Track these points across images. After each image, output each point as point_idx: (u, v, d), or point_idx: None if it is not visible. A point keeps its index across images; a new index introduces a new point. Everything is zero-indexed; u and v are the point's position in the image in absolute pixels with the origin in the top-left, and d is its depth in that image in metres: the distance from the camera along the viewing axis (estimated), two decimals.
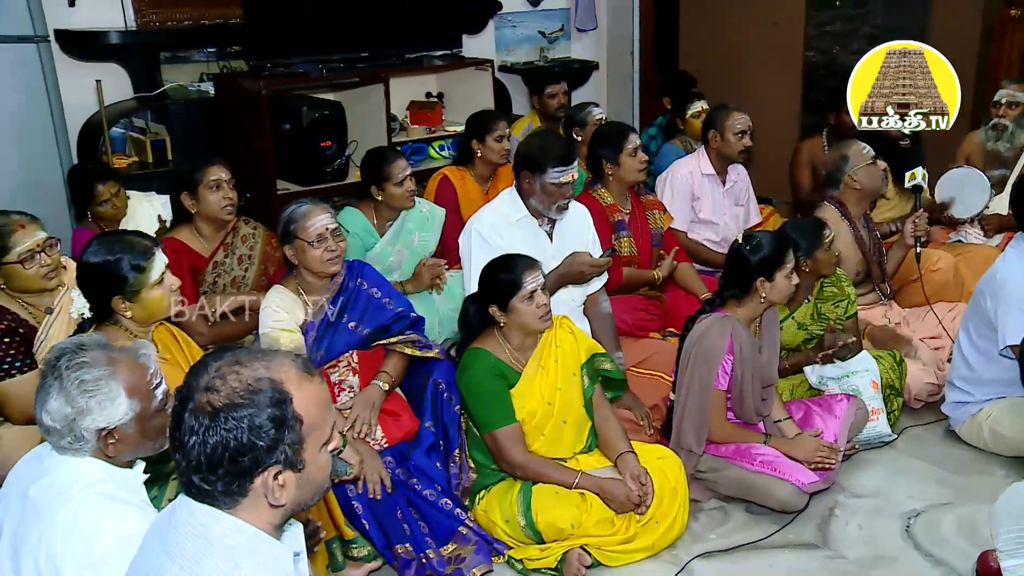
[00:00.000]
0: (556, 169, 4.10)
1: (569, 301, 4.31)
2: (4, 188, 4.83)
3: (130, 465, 2.41)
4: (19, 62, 5.07)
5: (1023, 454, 4.13)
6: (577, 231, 4.37)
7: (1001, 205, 5.37)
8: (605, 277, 4.44)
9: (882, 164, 4.89)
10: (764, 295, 3.85)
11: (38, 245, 3.57)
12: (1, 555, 2.29)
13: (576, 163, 4.20)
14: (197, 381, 1.78)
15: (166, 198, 4.84)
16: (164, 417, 2.40)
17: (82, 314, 3.20)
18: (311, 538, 2.43)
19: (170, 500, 2.30)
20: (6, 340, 3.49)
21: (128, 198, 4.91)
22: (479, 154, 5.28)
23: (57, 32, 5.55)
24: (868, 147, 4.87)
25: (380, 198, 4.67)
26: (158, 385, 2.44)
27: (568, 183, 4.16)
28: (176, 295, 3.24)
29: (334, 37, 6.03)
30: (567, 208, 4.25)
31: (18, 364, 3.46)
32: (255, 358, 1.82)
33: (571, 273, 4.21)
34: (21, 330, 3.54)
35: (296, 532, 1.95)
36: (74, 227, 4.96)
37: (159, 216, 4.81)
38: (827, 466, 3.89)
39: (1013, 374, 4.07)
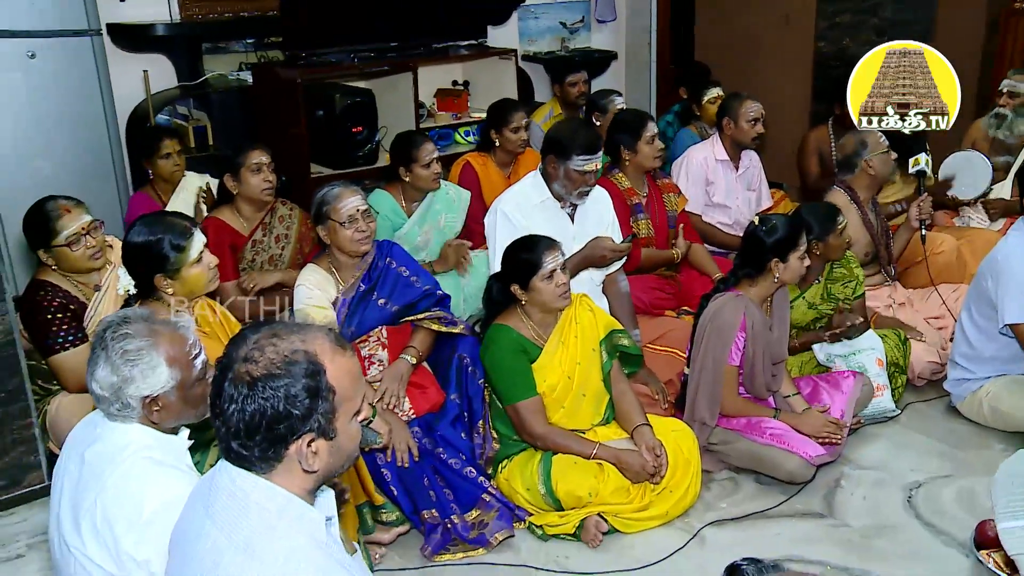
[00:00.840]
0: (581, 157, 4.09)
1: (588, 280, 4.29)
2: (60, 171, 4.99)
3: (175, 431, 2.43)
4: (75, 54, 5.21)
5: (1021, 429, 4.11)
6: (598, 214, 4.35)
7: (1005, 190, 5.34)
8: (624, 258, 4.43)
9: (894, 154, 4.86)
10: (778, 275, 3.84)
11: (83, 228, 3.65)
12: (63, 511, 2.33)
13: (599, 154, 4.18)
14: (237, 352, 1.80)
15: (215, 180, 4.88)
16: (204, 386, 2.43)
17: (128, 291, 3.23)
18: (337, 499, 2.45)
19: (211, 466, 2.32)
20: (59, 316, 3.59)
21: (184, 166, 4.98)
22: (498, 143, 5.28)
23: (109, 26, 5.62)
24: (884, 136, 4.84)
25: (408, 179, 4.67)
26: (197, 355, 2.45)
27: (591, 172, 4.14)
28: (214, 272, 3.27)
29: (365, 28, 6.03)
30: (588, 194, 4.24)
31: (71, 338, 3.52)
32: (292, 331, 1.83)
33: (593, 256, 4.19)
34: (72, 307, 3.62)
35: (328, 498, 1.95)
36: (132, 194, 5.02)
37: (200, 187, 4.84)
38: (833, 440, 3.88)
39: (1012, 352, 4.08)
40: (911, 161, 5.10)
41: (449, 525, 3.50)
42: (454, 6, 6.40)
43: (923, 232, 4.87)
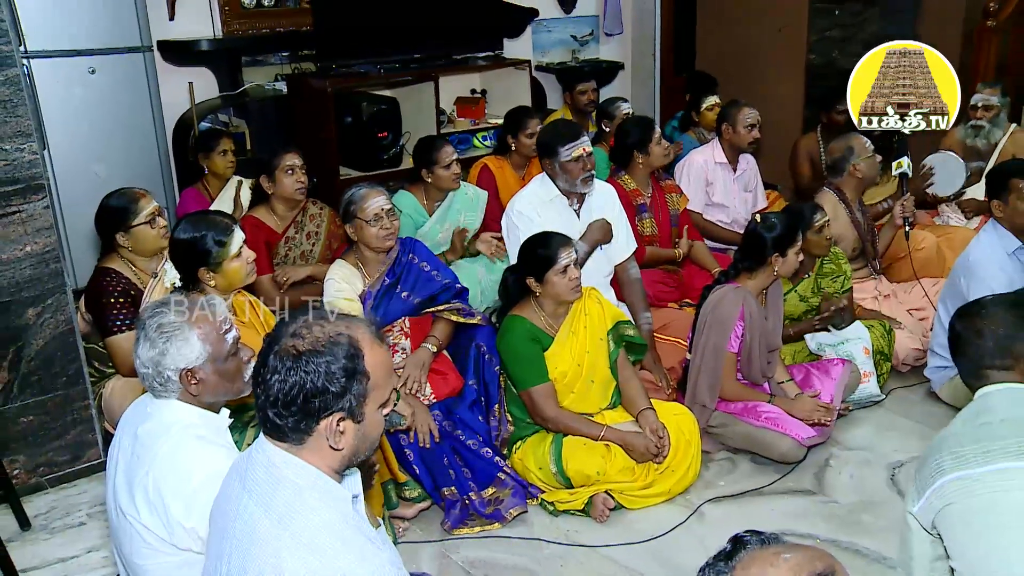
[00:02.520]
0: (566, 147, 4.09)
1: (596, 272, 4.26)
2: (114, 174, 5.05)
3: (216, 410, 2.44)
4: (130, 69, 5.32)
5: None
6: (601, 209, 4.32)
7: (979, 192, 5.31)
8: (634, 246, 4.43)
9: (879, 157, 4.82)
10: (776, 269, 3.84)
11: (156, 210, 3.76)
12: (119, 483, 2.36)
13: (585, 137, 4.17)
14: (285, 329, 1.83)
15: (248, 181, 4.91)
16: (237, 361, 2.45)
17: (174, 284, 3.25)
18: (369, 471, 2.46)
19: (248, 445, 2.32)
20: (120, 300, 3.64)
21: (235, 164, 5.05)
22: (513, 147, 5.26)
23: (159, 43, 5.69)
24: (869, 141, 4.80)
25: (430, 180, 4.67)
26: (228, 331, 2.46)
27: (582, 156, 4.12)
28: (252, 266, 3.29)
29: (390, 41, 6.05)
30: (592, 180, 4.21)
31: (128, 321, 3.57)
32: (338, 318, 1.87)
33: (594, 237, 4.21)
34: (132, 292, 3.68)
35: (355, 478, 1.96)
36: (183, 190, 5.13)
37: (238, 189, 4.88)
38: (823, 423, 3.87)
39: None
40: (894, 164, 5.09)
41: (467, 501, 3.50)
42: (472, 21, 6.41)
43: (906, 230, 4.86)
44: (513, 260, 4.01)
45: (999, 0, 6.36)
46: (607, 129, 5.68)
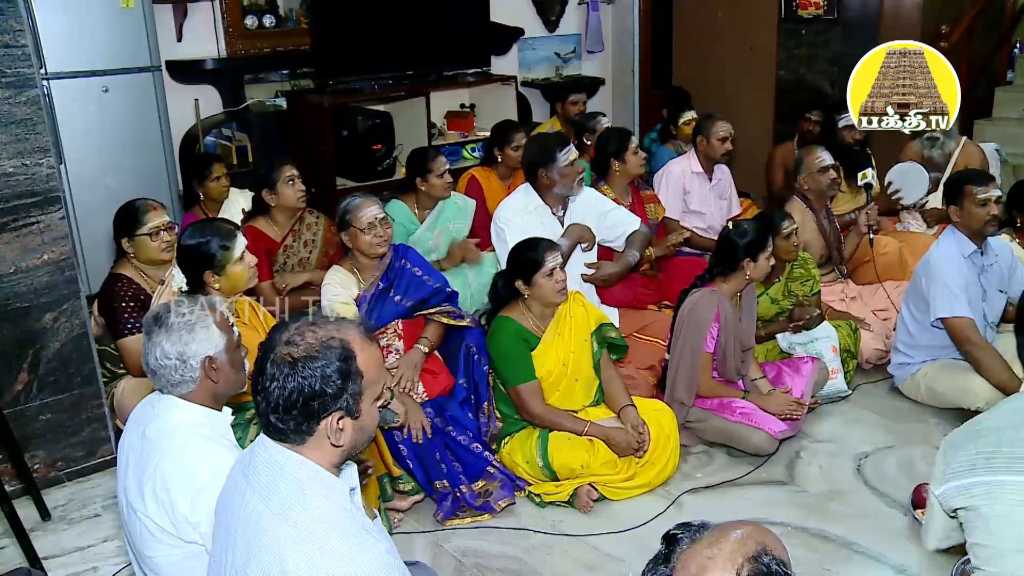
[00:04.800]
0: (563, 152, 4.17)
1: (575, 269, 4.30)
2: (125, 186, 5.06)
3: (219, 409, 2.44)
4: (140, 88, 5.32)
5: (952, 406, 4.11)
6: (584, 215, 4.36)
7: (936, 201, 5.33)
8: (638, 219, 4.54)
9: (833, 174, 4.81)
10: (748, 273, 3.85)
11: (164, 224, 3.77)
12: (129, 480, 2.35)
13: (571, 144, 4.26)
14: (279, 336, 1.82)
15: (252, 193, 4.90)
16: (240, 352, 2.46)
17: (180, 288, 3.25)
18: (363, 472, 2.45)
19: (251, 442, 2.32)
20: (131, 304, 3.68)
21: (230, 186, 4.99)
22: (500, 159, 5.27)
23: (167, 62, 5.70)
24: (823, 157, 4.79)
25: (423, 188, 4.66)
26: (232, 325, 2.48)
27: (576, 159, 4.21)
28: (254, 271, 3.31)
29: (384, 59, 6.07)
30: (583, 183, 4.30)
31: (138, 325, 3.57)
32: (328, 322, 1.85)
33: (573, 234, 4.25)
34: (142, 297, 3.71)
35: (351, 471, 1.95)
36: (183, 214, 5.11)
37: (243, 209, 4.85)
38: (794, 417, 3.89)
39: (943, 340, 4.11)
40: (859, 175, 5.12)
41: (458, 494, 3.50)
42: (461, 39, 6.42)
43: (871, 236, 4.89)
44: (503, 265, 4.02)
45: (950, 24, 6.42)
46: (588, 143, 5.69)
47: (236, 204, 4.91)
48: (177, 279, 3.28)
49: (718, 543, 1.37)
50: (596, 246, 4.41)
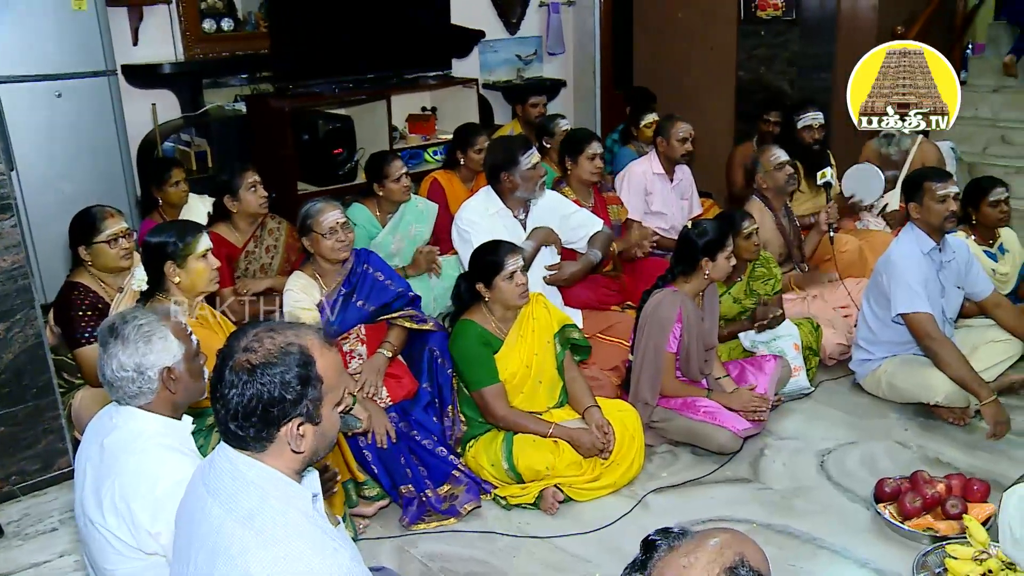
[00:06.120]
0: (524, 156, 4.17)
1: (538, 269, 4.32)
2: (81, 192, 4.95)
3: (179, 418, 2.41)
4: (95, 92, 5.23)
5: (912, 401, 4.16)
6: (546, 218, 4.36)
7: (894, 198, 5.40)
8: (600, 220, 4.54)
9: (789, 170, 4.86)
10: (708, 272, 3.87)
11: (121, 231, 3.73)
12: (87, 493, 2.31)
13: (535, 147, 4.28)
14: (237, 343, 1.80)
15: (213, 199, 4.86)
16: (199, 360, 2.44)
17: (140, 286, 3.23)
18: (329, 481, 2.44)
19: (213, 448, 2.30)
20: (88, 313, 3.62)
21: (189, 191, 4.95)
22: (462, 162, 5.27)
23: (123, 67, 5.60)
24: (778, 155, 4.84)
25: (381, 193, 4.66)
26: (191, 333, 2.45)
27: (538, 162, 4.21)
28: (215, 273, 3.29)
29: (345, 63, 6.04)
30: (545, 187, 4.29)
31: (96, 334, 3.50)
32: (286, 328, 1.84)
33: (540, 236, 4.26)
34: (99, 306, 3.66)
35: (313, 477, 1.94)
36: (142, 220, 5.05)
37: (208, 213, 4.81)
38: (759, 414, 3.91)
39: (904, 336, 4.15)
40: (818, 175, 5.18)
41: (424, 498, 3.48)
42: (422, 42, 6.39)
43: (831, 234, 4.94)
44: (465, 267, 4.01)
45: (905, 25, 6.52)
46: (548, 146, 5.69)
47: (198, 210, 4.86)
48: (138, 276, 3.26)
49: (695, 552, 1.36)
50: (560, 248, 4.42)
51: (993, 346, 4.24)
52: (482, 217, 4.20)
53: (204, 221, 4.64)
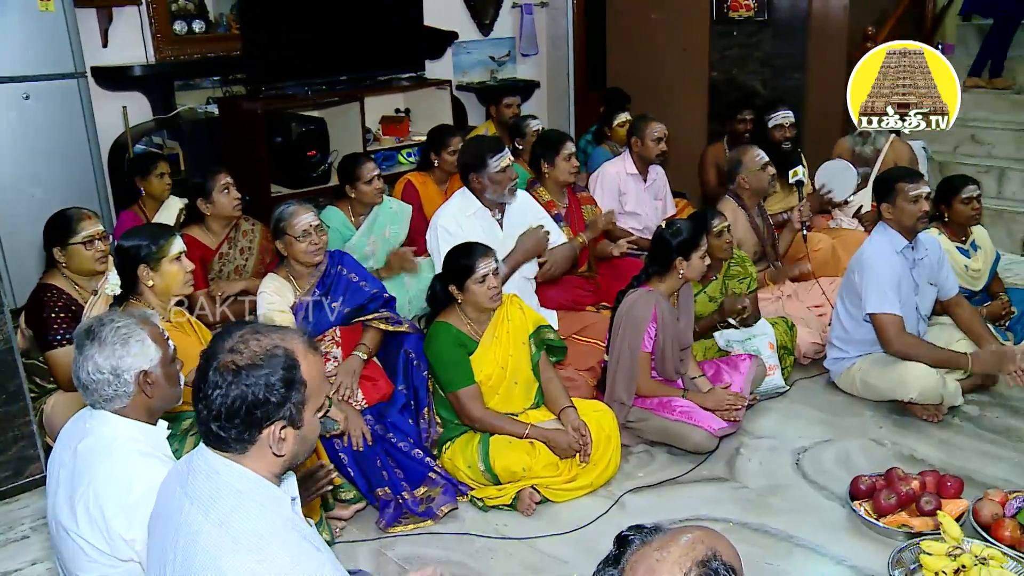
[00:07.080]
0: (494, 159, 4.13)
1: (521, 281, 4.29)
2: (51, 196, 4.90)
3: (154, 423, 2.39)
4: (64, 95, 5.16)
5: (886, 398, 4.19)
6: (522, 218, 4.35)
7: (866, 196, 5.44)
8: (563, 235, 4.51)
9: (771, 170, 4.89)
10: (682, 272, 3.87)
11: (98, 234, 3.71)
12: (60, 498, 2.30)
13: (506, 150, 4.23)
14: (222, 344, 1.80)
15: (186, 200, 4.83)
16: (176, 365, 2.43)
17: (114, 291, 3.20)
18: (324, 478, 2.43)
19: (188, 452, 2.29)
20: (61, 315, 3.60)
21: (171, 186, 4.96)
22: (436, 163, 5.26)
23: (93, 69, 5.54)
24: (761, 155, 4.87)
25: (353, 195, 4.65)
26: (168, 337, 2.44)
27: (508, 166, 4.17)
28: (189, 276, 3.29)
29: (317, 64, 6.01)
30: (516, 191, 4.26)
31: (69, 336, 3.52)
32: (271, 330, 1.85)
33: (527, 246, 4.23)
34: (73, 308, 3.63)
35: (291, 481, 1.95)
36: (120, 212, 5.06)
37: (177, 213, 4.79)
38: (734, 417, 3.92)
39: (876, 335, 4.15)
40: (790, 173, 5.20)
41: (400, 501, 3.47)
42: (395, 44, 6.38)
43: (804, 233, 4.97)
44: (439, 270, 4.00)
45: (876, 26, 6.57)
46: (520, 147, 5.70)
47: (174, 210, 4.84)
48: (111, 280, 3.24)
49: (668, 546, 1.37)
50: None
51: (960, 345, 4.28)
52: (459, 220, 4.18)
53: (172, 222, 4.64)
